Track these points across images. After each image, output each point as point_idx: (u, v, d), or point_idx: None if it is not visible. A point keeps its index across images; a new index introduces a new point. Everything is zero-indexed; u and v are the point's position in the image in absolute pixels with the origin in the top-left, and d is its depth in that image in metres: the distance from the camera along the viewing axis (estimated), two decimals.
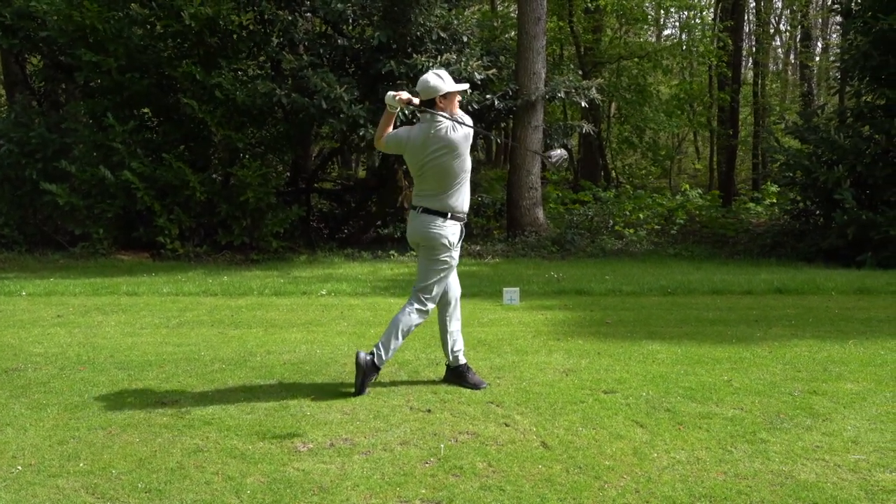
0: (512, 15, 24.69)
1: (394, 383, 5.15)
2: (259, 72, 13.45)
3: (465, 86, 4.47)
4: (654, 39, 28.73)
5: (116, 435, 4.23)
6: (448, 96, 4.68)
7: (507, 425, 4.31)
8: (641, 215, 16.17)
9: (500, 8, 26.19)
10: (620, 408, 4.58)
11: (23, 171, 12.84)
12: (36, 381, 5.28)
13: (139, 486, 3.58)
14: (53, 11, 12.65)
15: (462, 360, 5.09)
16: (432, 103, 4.67)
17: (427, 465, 3.78)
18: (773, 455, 3.84)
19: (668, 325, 6.97)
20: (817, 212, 14.14)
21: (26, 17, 13.39)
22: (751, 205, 18.58)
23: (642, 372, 5.36)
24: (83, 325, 7.21)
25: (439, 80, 4.70)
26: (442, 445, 4.01)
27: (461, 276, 5.66)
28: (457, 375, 5.09)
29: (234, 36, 12.95)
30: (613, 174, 24.86)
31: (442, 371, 5.38)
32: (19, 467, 3.80)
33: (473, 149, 18.61)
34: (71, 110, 13.99)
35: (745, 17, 23.87)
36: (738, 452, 3.88)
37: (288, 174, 15.79)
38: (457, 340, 5.10)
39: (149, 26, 12.82)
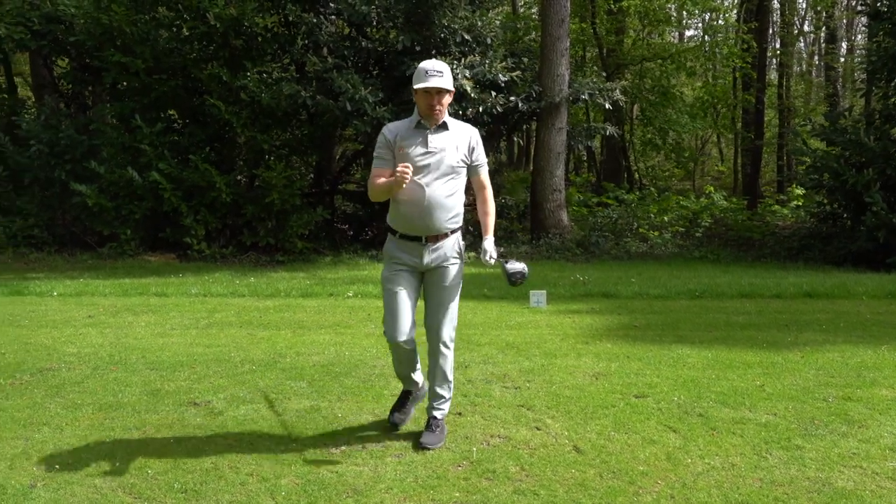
0: (533, 16, 24.66)
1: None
2: (284, 74, 13.52)
3: (424, 84, 3.81)
4: (676, 40, 28.57)
5: (151, 435, 4.27)
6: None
7: (538, 429, 4.30)
8: (666, 217, 16.08)
9: (520, 10, 26.13)
10: (652, 412, 4.56)
11: (52, 172, 12.99)
12: (70, 381, 5.34)
13: (175, 486, 3.61)
14: (81, 15, 12.81)
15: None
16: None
17: (459, 468, 3.79)
18: (809, 462, 3.81)
19: (697, 329, 6.92)
20: (845, 215, 13.99)
21: (54, 20, 13.56)
22: (776, 207, 18.41)
23: (673, 376, 5.33)
24: (114, 326, 7.28)
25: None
26: (474, 449, 4.01)
27: (484, 278, 5.51)
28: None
29: (259, 38, 13.03)
30: (636, 176, 24.74)
31: (470, 373, 5.38)
32: (57, 466, 3.85)
33: (495, 150, 18.66)
34: (98, 112, 14.14)
35: (770, 19, 23.65)
36: (774, 459, 3.85)
37: (312, 176, 15.86)
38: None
39: (175, 29, 12.94)
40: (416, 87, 3.86)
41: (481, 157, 4.11)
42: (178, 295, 9.04)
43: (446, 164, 3.94)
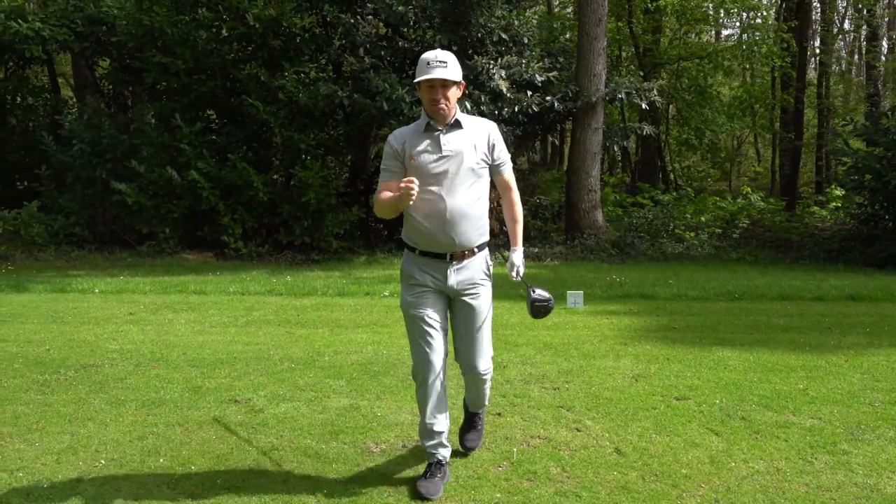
0: (567, 15, 24.54)
1: (462, 387, 5.16)
2: (321, 74, 13.60)
3: (426, 76, 3.35)
4: (713, 40, 28.24)
5: (193, 432, 4.32)
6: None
7: (578, 430, 4.28)
8: (703, 218, 15.89)
9: (555, 9, 26.01)
10: (694, 415, 4.51)
11: (94, 171, 13.20)
12: (113, 377, 5.42)
13: (218, 482, 3.65)
14: (124, 16, 13.00)
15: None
16: None
17: (500, 468, 3.78)
18: (856, 467, 3.74)
19: (737, 332, 6.84)
20: (887, 216, 13.72)
21: (97, 22, 13.79)
22: (814, 208, 18.11)
23: (714, 379, 5.27)
24: (155, 323, 7.38)
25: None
26: (514, 449, 4.00)
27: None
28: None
29: (297, 39, 13.12)
30: (672, 177, 24.50)
31: (509, 374, 5.37)
32: (102, 461, 3.91)
33: (530, 150, 18.58)
34: (139, 112, 14.35)
35: (811, 17, 23.26)
36: (819, 464, 3.79)
37: (347, 175, 15.94)
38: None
39: (214, 30, 13.09)
40: (417, 80, 3.41)
41: (503, 155, 3.62)
42: (216, 293, 9.13)
43: (466, 168, 3.45)
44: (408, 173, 3.45)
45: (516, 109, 12.61)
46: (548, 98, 13.19)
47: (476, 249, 3.56)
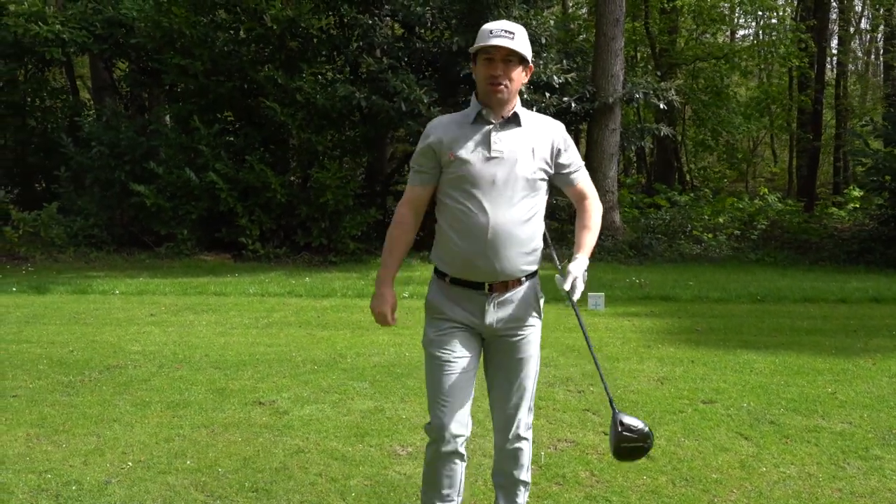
0: (582, 15, 24.47)
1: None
2: (338, 75, 13.60)
3: (485, 42, 2.65)
4: (729, 40, 28.08)
5: (219, 434, 4.32)
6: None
7: (605, 434, 4.25)
8: (721, 219, 15.81)
9: (570, 9, 25.95)
10: (722, 419, 4.48)
11: (112, 173, 13.24)
12: (137, 379, 5.43)
13: (246, 485, 3.64)
14: (142, 18, 13.06)
15: None
16: None
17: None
18: (890, 473, 3.70)
19: (761, 334, 6.79)
20: None
21: (115, 24, 13.85)
22: (833, 209, 17.98)
23: (740, 382, 5.22)
24: (176, 324, 7.39)
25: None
26: (542, 453, 3.97)
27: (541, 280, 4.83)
28: None
29: (315, 40, 13.13)
30: (688, 177, 24.39)
31: (539, 375, 5.33)
32: (129, 463, 3.91)
33: None
34: (156, 114, 14.40)
35: (829, 17, 23.09)
36: (852, 469, 3.75)
37: (363, 177, 15.94)
38: None
39: (232, 31, 13.11)
40: (474, 48, 2.71)
41: (575, 159, 2.91)
42: (236, 294, 9.15)
43: (519, 176, 2.73)
44: (445, 174, 2.80)
45: (534, 110, 12.56)
46: (565, 99, 13.14)
47: (524, 279, 2.85)
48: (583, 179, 2.95)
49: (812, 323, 7.28)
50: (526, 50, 2.67)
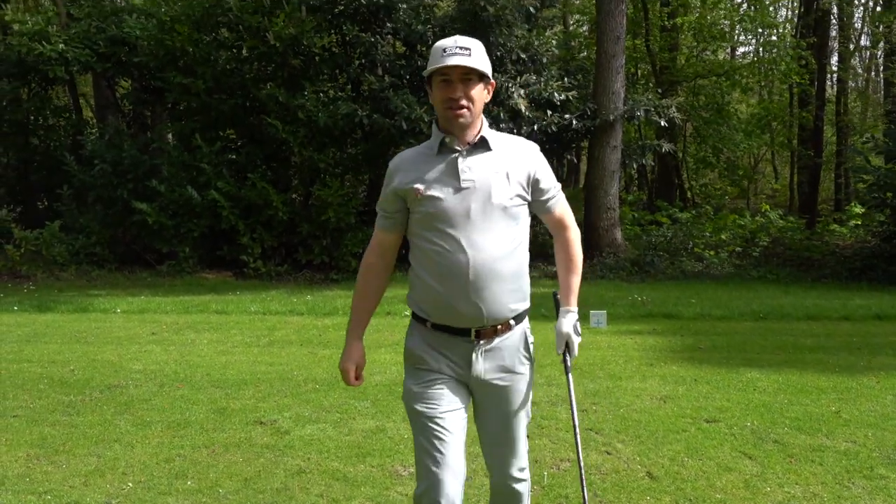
0: (583, 33, 24.56)
1: None
2: (340, 93, 13.66)
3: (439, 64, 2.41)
4: (729, 57, 28.20)
5: (220, 454, 4.29)
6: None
7: (608, 453, 4.23)
8: (723, 236, 15.80)
9: (571, 26, 26.07)
10: (725, 438, 4.45)
11: (115, 191, 13.26)
12: (138, 398, 5.41)
13: None
14: (146, 37, 13.13)
15: None
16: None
17: (531, 492, 3.72)
18: (895, 492, 3.66)
19: (764, 352, 6.76)
20: None
21: (119, 42, 13.92)
22: (834, 226, 17.96)
23: (744, 400, 5.19)
24: (177, 343, 7.37)
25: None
26: (545, 473, 3.95)
27: (544, 298, 4.73)
28: None
29: (317, 58, 13.19)
30: (689, 194, 24.40)
31: (535, 395, 5.30)
32: (130, 484, 3.89)
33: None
34: (159, 132, 14.45)
35: (829, 34, 23.19)
36: (857, 489, 3.72)
37: (365, 194, 15.97)
38: None
39: (235, 50, 13.19)
40: (428, 71, 2.47)
41: (551, 185, 2.64)
42: (237, 312, 9.14)
43: (494, 206, 2.47)
44: (413, 214, 2.54)
45: (535, 128, 12.61)
46: (566, 116, 13.18)
47: (512, 322, 2.57)
48: (560, 205, 2.70)
49: (815, 341, 7.25)
50: (485, 65, 2.46)
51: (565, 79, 13.60)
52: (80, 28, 13.97)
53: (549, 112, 12.87)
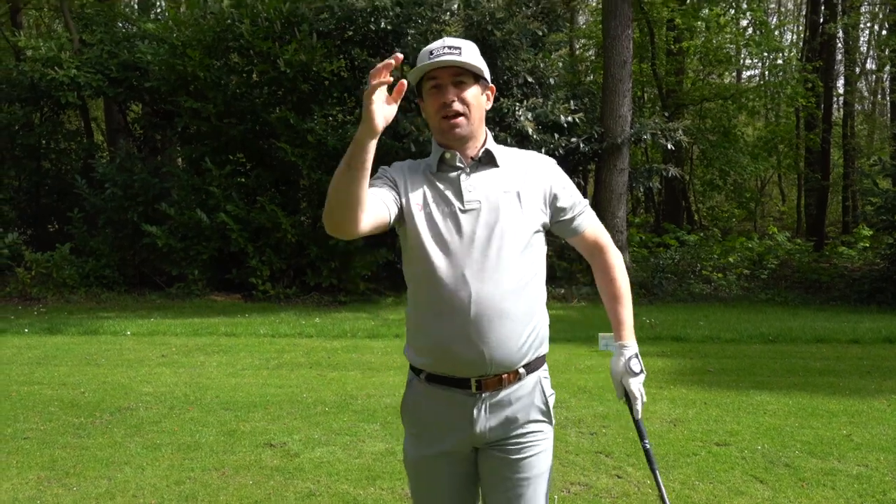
0: (590, 57, 24.73)
1: None
2: (349, 117, 13.76)
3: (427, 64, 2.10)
4: (735, 80, 28.32)
5: (230, 477, 4.30)
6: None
7: (619, 477, 4.22)
8: (731, 259, 15.79)
9: (578, 51, 26.25)
10: (736, 461, 4.43)
11: (125, 214, 13.36)
12: (148, 421, 5.43)
13: None
14: (157, 62, 13.28)
15: None
16: None
17: None
18: None
19: (774, 375, 6.74)
20: None
21: (130, 67, 14.09)
22: (843, 249, 17.92)
23: (754, 424, 5.18)
24: (187, 366, 7.39)
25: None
26: (555, 497, 3.94)
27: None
28: None
29: (326, 82, 13.31)
30: (696, 217, 24.42)
31: None
32: None
33: None
34: (169, 155, 14.57)
35: (835, 57, 23.27)
36: None
37: None
38: None
39: (245, 74, 13.33)
40: (414, 76, 2.16)
41: (577, 201, 2.22)
42: (246, 335, 9.16)
43: (506, 231, 2.07)
44: (407, 240, 2.17)
45: (542, 151, 12.66)
46: (573, 139, 13.25)
47: (522, 371, 2.11)
48: (591, 223, 2.26)
49: (825, 364, 7.23)
50: (479, 64, 2.10)
51: (572, 101, 13.68)
52: (93, 53, 14.15)
53: (556, 135, 12.94)
